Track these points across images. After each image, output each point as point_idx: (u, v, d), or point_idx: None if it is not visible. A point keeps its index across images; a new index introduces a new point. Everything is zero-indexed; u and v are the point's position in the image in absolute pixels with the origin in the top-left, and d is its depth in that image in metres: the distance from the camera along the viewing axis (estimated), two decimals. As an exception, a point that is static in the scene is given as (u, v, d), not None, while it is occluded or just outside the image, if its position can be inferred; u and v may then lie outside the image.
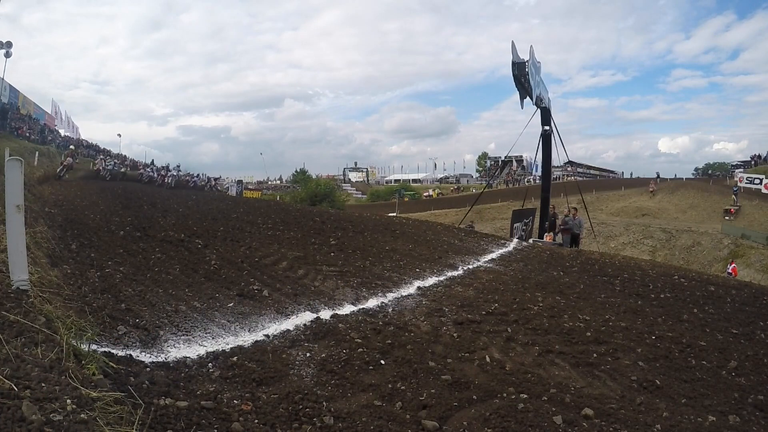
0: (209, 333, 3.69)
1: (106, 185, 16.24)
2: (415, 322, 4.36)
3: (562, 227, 13.53)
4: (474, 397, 3.02)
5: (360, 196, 55.60)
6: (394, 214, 22.60)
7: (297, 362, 3.31)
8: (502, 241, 11.96)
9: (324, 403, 2.76)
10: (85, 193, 11.99)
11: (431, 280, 6.26)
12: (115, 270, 4.73)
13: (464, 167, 70.21)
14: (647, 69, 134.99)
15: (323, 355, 3.46)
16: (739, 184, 37.33)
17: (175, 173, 24.19)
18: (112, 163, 21.84)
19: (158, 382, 2.60)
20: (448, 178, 64.39)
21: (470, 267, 7.57)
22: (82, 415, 1.76)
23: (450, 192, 51.45)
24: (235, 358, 3.20)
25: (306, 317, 4.22)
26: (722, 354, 4.28)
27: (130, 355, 2.92)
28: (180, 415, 2.29)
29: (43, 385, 1.88)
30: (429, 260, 7.57)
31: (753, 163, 46.40)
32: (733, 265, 20.06)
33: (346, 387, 3.03)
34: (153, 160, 25.18)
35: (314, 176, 51.71)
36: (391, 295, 5.31)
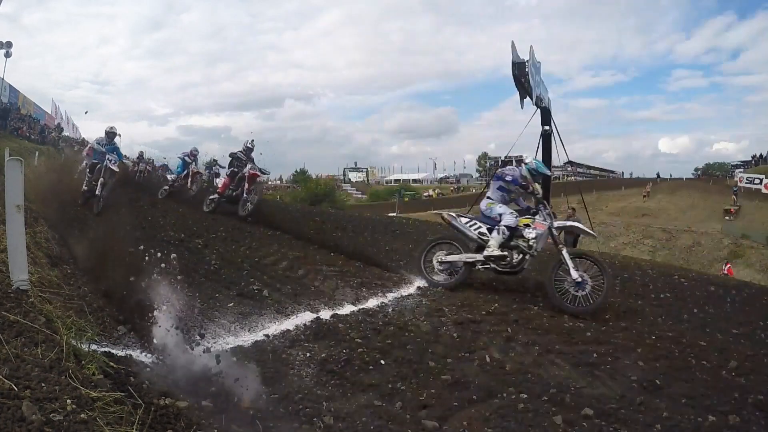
0: (209, 333, 3.70)
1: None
2: (415, 322, 4.36)
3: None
4: (474, 397, 3.02)
5: (360, 196, 55.57)
6: (394, 214, 22.60)
7: (297, 362, 3.32)
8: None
9: (324, 403, 2.76)
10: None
11: (431, 280, 6.25)
12: (115, 270, 4.73)
13: (464, 167, 70.03)
14: (648, 69, 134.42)
15: (323, 355, 3.47)
16: (739, 184, 37.34)
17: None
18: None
19: (158, 382, 2.60)
20: (448, 178, 64.30)
21: (470, 267, 7.56)
22: (82, 415, 1.76)
23: (450, 192, 51.42)
24: (235, 359, 3.20)
25: (306, 317, 4.22)
26: (722, 354, 4.28)
27: (130, 355, 2.93)
28: (180, 415, 2.29)
29: (43, 385, 1.88)
30: (429, 260, 7.56)
31: (753, 163, 46.41)
32: (728, 266, 19.96)
33: (346, 387, 3.03)
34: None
35: (314, 176, 51.67)
36: (391, 295, 5.30)
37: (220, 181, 11.16)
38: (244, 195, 9.05)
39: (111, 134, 9.50)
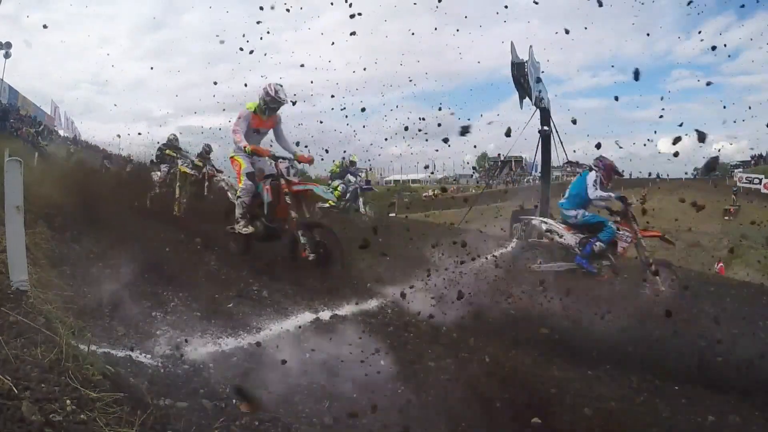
0: (209, 333, 3.69)
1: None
2: (414, 322, 4.35)
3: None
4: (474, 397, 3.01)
5: (360, 196, 55.43)
6: (393, 215, 22.56)
7: (297, 362, 3.31)
8: (502, 241, 11.94)
9: (324, 403, 2.75)
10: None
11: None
12: (115, 270, 4.72)
13: (463, 168, 69.95)
14: (648, 69, 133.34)
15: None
16: (738, 184, 37.25)
17: None
18: None
19: (158, 383, 2.60)
20: (448, 178, 64.22)
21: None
22: (82, 416, 1.76)
23: (450, 192, 51.30)
24: (234, 359, 3.20)
25: (306, 317, 4.21)
26: (722, 354, 4.27)
27: (130, 355, 2.92)
28: (180, 415, 2.28)
29: (42, 385, 1.88)
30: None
31: (753, 163, 46.30)
32: (720, 264, 19.92)
33: (346, 387, 3.02)
34: None
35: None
36: (391, 296, 5.29)
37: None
38: None
39: None
